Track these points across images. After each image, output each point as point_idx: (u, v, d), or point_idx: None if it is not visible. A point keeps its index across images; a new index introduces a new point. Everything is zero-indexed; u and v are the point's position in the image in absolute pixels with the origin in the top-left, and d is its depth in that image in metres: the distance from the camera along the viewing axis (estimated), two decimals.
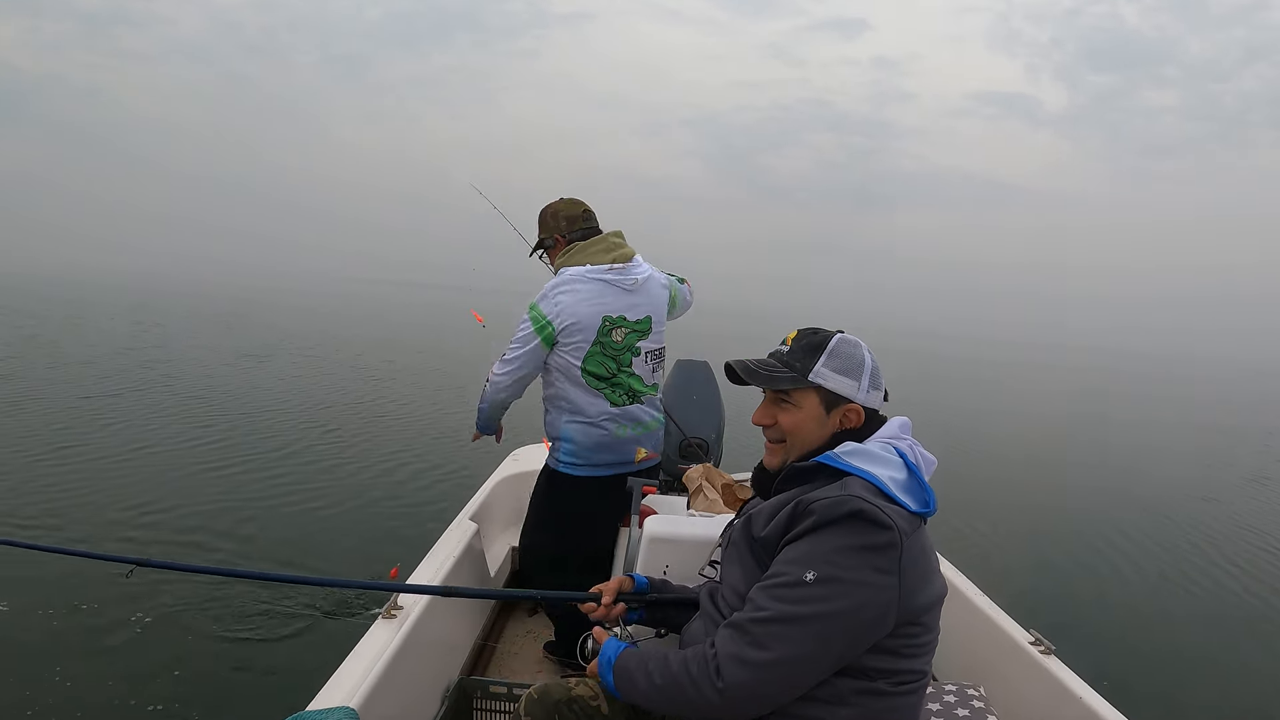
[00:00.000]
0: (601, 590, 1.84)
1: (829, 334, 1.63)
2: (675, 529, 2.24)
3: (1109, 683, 2.48)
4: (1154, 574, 7.10)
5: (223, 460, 7.93)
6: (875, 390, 1.61)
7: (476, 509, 3.66)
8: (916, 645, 1.46)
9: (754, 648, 1.38)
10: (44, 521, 5.77)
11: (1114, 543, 7.99)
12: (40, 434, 8.30)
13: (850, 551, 1.37)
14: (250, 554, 5.57)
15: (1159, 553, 7.78)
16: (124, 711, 3.41)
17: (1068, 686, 2.33)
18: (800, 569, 1.38)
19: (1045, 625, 2.61)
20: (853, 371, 1.59)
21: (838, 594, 1.36)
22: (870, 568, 1.37)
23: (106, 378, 12.30)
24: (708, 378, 4.50)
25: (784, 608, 1.37)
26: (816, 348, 1.60)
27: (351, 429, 10.05)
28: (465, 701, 2.59)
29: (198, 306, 31.84)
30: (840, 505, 1.39)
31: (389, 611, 2.41)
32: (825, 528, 1.39)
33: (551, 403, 2.97)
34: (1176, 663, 5.21)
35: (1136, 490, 11.07)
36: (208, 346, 18.02)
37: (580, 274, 2.85)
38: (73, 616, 4.21)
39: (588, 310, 2.82)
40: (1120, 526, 8.68)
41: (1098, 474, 12.29)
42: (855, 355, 1.60)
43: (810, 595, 1.36)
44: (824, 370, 1.58)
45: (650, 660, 1.54)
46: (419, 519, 6.46)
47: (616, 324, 2.87)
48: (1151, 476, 12.52)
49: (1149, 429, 20.20)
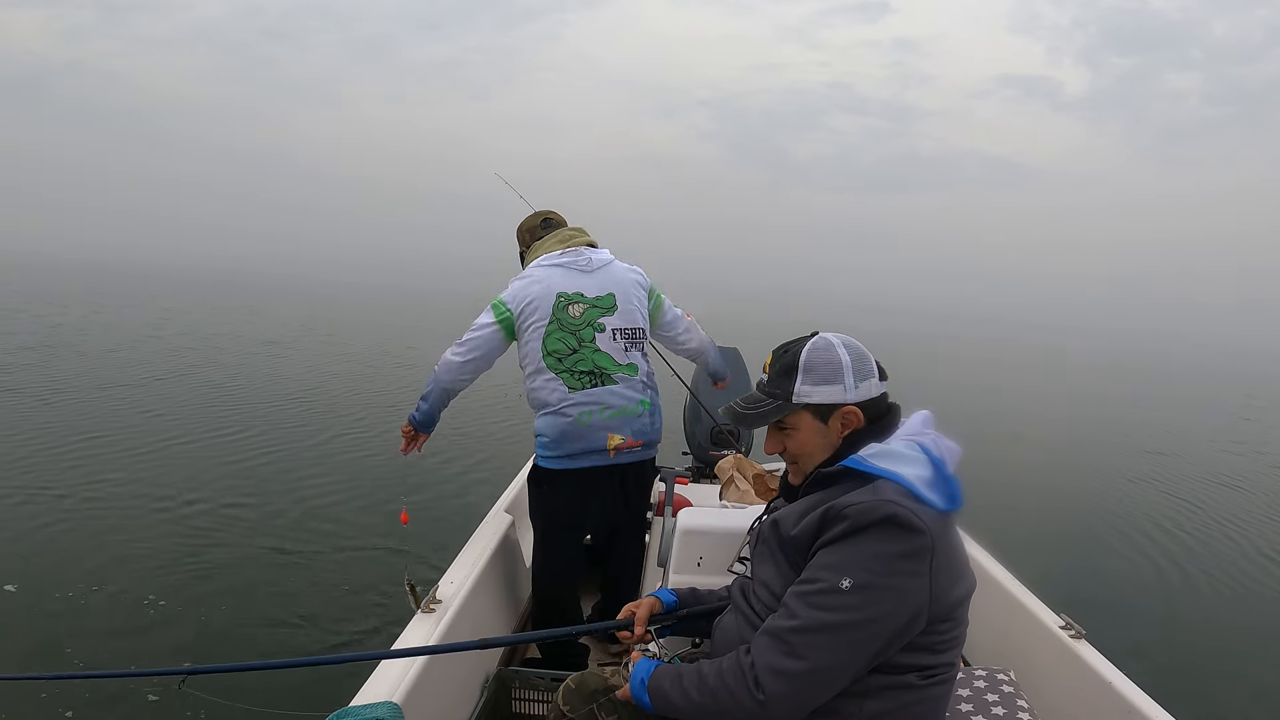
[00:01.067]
0: (633, 614, 1.85)
1: (799, 348, 1.62)
2: (709, 521, 2.27)
3: (1141, 668, 2.46)
4: (1186, 558, 7.00)
5: (246, 452, 8.10)
6: (864, 380, 1.59)
7: (511, 500, 3.70)
8: (947, 640, 1.48)
9: (792, 658, 1.40)
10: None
11: (1143, 525, 7.91)
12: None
13: (886, 558, 1.38)
14: (278, 534, 5.74)
15: (1190, 537, 7.68)
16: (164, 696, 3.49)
17: (1098, 671, 2.32)
18: (836, 576, 1.39)
19: (1076, 609, 2.61)
20: (832, 378, 1.58)
21: (873, 601, 1.37)
22: (905, 573, 1.38)
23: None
24: (738, 365, 4.52)
25: (821, 615, 1.39)
26: (790, 369, 1.61)
27: (383, 417, 10.12)
28: (504, 692, 2.65)
29: (213, 298, 32.12)
30: (874, 510, 1.40)
31: (428, 606, 2.46)
32: (859, 533, 1.40)
33: (529, 401, 2.98)
34: (1211, 649, 5.15)
35: (1165, 472, 10.94)
36: (231, 333, 18.20)
37: (535, 264, 2.97)
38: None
39: (540, 290, 2.87)
40: (1149, 508, 8.60)
41: (1126, 455, 12.15)
42: (830, 360, 1.59)
43: (847, 603, 1.37)
44: (804, 388, 1.59)
45: (684, 676, 1.55)
46: (454, 512, 6.57)
47: (573, 299, 2.88)
48: (1181, 457, 12.33)
49: (1180, 408, 19.84)
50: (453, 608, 2.50)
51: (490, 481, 7.32)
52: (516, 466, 4.35)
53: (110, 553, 5.30)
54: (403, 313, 31.91)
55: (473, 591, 2.67)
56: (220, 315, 24.16)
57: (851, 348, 1.61)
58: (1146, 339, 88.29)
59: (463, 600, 2.57)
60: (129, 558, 5.25)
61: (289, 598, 4.84)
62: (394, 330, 23.72)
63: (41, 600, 4.58)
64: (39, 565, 5.03)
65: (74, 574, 4.91)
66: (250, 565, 5.28)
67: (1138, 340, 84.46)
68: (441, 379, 2.96)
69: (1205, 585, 6.39)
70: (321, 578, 5.15)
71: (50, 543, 5.43)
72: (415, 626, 2.39)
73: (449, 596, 2.55)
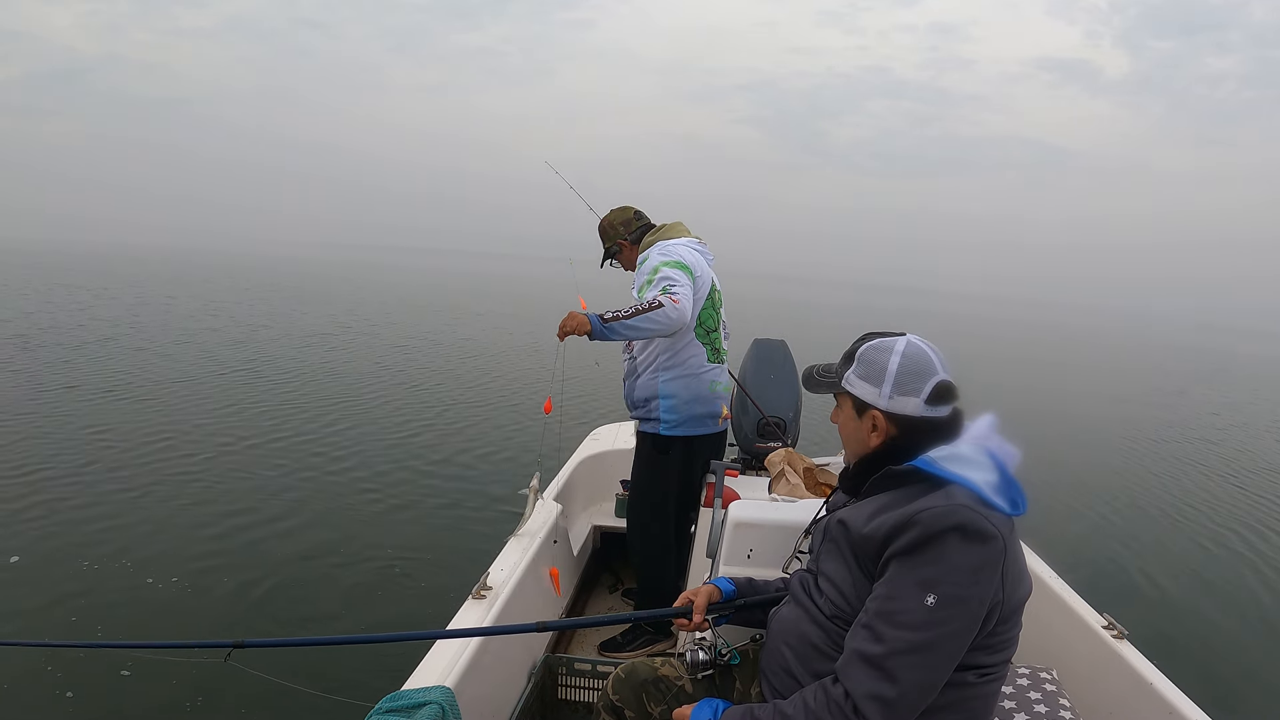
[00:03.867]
0: (691, 602, 1.86)
1: (867, 341, 1.67)
2: (760, 514, 2.27)
3: (1183, 671, 2.43)
4: (1236, 562, 6.81)
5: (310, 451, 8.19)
6: (903, 395, 1.58)
7: (559, 489, 3.74)
8: (1005, 640, 1.48)
9: (889, 683, 1.38)
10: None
11: (1192, 527, 7.72)
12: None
13: (966, 570, 1.38)
14: (339, 522, 5.83)
15: (1242, 539, 7.46)
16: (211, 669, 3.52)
17: (1140, 673, 2.30)
18: (920, 592, 1.38)
19: (1119, 609, 2.58)
20: (873, 378, 1.60)
21: (960, 614, 1.37)
22: (985, 582, 1.39)
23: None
24: (785, 357, 4.50)
25: (912, 636, 1.38)
26: (850, 355, 1.68)
27: (431, 408, 10.21)
28: (551, 678, 2.68)
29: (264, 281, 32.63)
30: (947, 516, 1.39)
31: (478, 593, 2.50)
32: (934, 541, 1.39)
33: (650, 363, 3.15)
34: (1255, 656, 5.01)
35: (1218, 470, 10.67)
36: (281, 323, 18.48)
37: (680, 243, 3.14)
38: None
39: (704, 267, 3.17)
40: (1200, 509, 8.39)
41: (1177, 452, 11.87)
42: (878, 361, 1.61)
43: (934, 619, 1.37)
44: (851, 376, 1.65)
45: (761, 717, 1.53)
46: (506, 499, 6.62)
47: (714, 287, 3.23)
48: (1236, 457, 12.01)
49: (1237, 407, 19.30)
50: (504, 594, 2.54)
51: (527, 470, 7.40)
52: (561, 458, 4.39)
53: (161, 526, 5.50)
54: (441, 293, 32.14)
55: (523, 579, 2.71)
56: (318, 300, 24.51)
57: (912, 360, 1.59)
58: (1188, 323, 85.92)
59: (513, 588, 2.61)
60: (178, 531, 5.45)
61: (342, 577, 4.94)
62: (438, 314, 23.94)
63: (103, 570, 4.76)
64: (98, 538, 5.22)
65: (129, 547, 5.10)
66: (302, 540, 5.43)
67: (1177, 324, 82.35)
68: (669, 321, 2.83)
69: (1259, 589, 6.23)
70: (376, 557, 5.24)
71: (112, 516, 5.63)
72: (467, 611, 2.43)
73: (499, 584, 2.59)
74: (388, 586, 4.85)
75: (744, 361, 4.41)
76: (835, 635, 1.54)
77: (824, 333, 24.67)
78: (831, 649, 1.54)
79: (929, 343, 1.63)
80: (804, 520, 1.97)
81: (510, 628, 2.07)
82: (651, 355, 3.15)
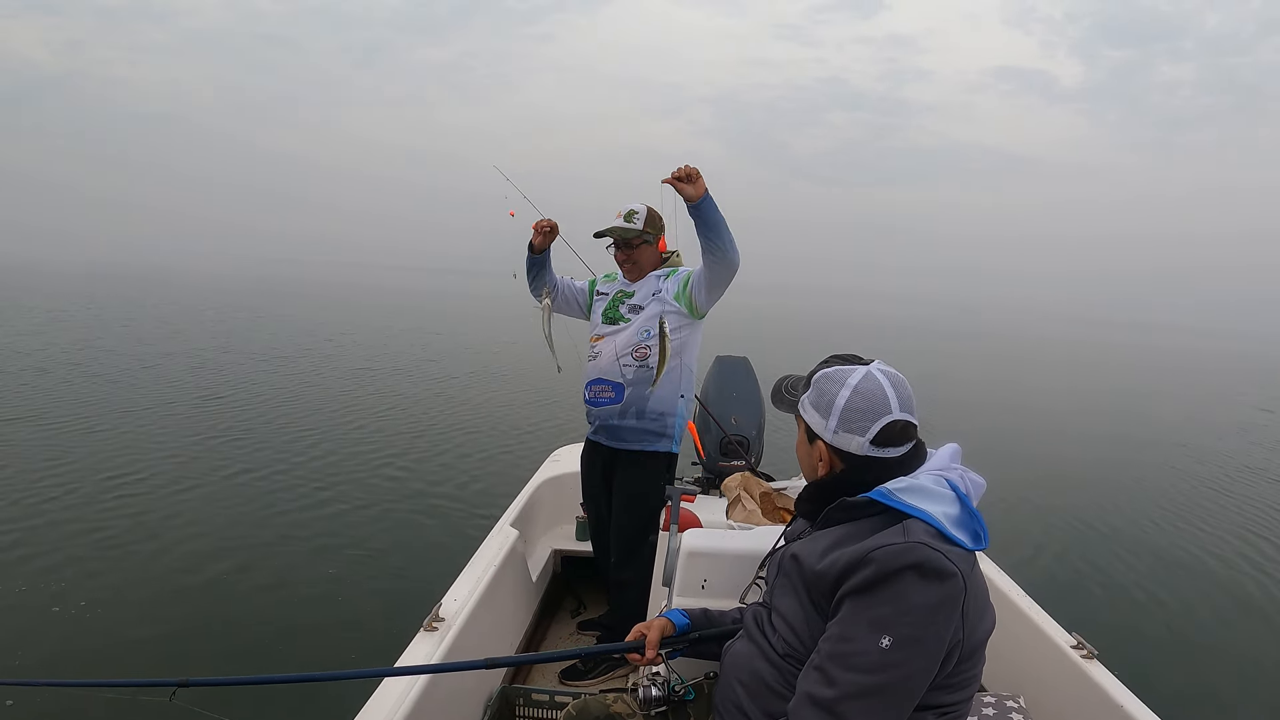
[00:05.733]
0: (644, 635, 1.80)
1: (826, 368, 1.62)
2: (714, 543, 2.21)
3: (1153, 690, 2.41)
4: (1204, 576, 6.78)
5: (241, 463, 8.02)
6: (847, 433, 1.54)
7: (518, 514, 3.67)
8: (966, 678, 1.43)
9: None
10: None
11: (1155, 539, 7.71)
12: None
13: (923, 609, 1.32)
14: (290, 553, 5.68)
15: (1207, 553, 7.43)
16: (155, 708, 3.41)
17: (1110, 695, 2.28)
18: (874, 634, 1.32)
19: (1089, 625, 2.57)
20: (822, 408, 1.56)
21: (916, 655, 1.32)
22: (943, 622, 1.33)
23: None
24: (747, 374, 4.47)
25: (865, 679, 1.32)
26: (808, 380, 1.64)
27: (377, 428, 9.98)
28: (508, 710, 2.62)
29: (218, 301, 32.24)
30: (904, 554, 1.34)
31: (430, 625, 2.43)
32: (889, 580, 1.34)
33: (676, 380, 3.16)
34: (1226, 671, 5.01)
35: (1177, 478, 10.75)
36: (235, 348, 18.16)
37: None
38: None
39: None
40: (1162, 520, 8.42)
41: (1137, 460, 11.96)
42: (829, 392, 1.56)
43: (889, 661, 1.32)
44: (805, 401, 1.62)
45: None
46: (462, 522, 6.52)
47: None
48: (1194, 464, 12.11)
49: (1195, 413, 19.52)
50: (456, 626, 2.47)
51: (489, 493, 7.31)
52: (519, 481, 4.32)
53: (104, 560, 5.30)
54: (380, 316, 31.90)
55: (477, 609, 2.65)
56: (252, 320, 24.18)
57: (862, 397, 1.53)
58: (1151, 332, 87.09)
59: (466, 618, 2.54)
60: (125, 563, 5.26)
61: (290, 611, 4.79)
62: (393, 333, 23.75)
63: (38, 605, 4.58)
64: (36, 570, 5.04)
65: (69, 580, 4.93)
66: (252, 575, 5.25)
67: (1140, 333, 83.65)
68: (737, 257, 2.97)
69: (1227, 603, 6.20)
70: (324, 591, 5.09)
71: (50, 546, 5.44)
72: (417, 645, 2.37)
73: (452, 614, 2.53)
74: (342, 620, 4.71)
75: (706, 379, 4.37)
76: (789, 674, 1.49)
77: (787, 346, 24.75)
78: (784, 688, 1.49)
79: (892, 375, 1.56)
80: (760, 549, 1.93)
81: (458, 665, 2.00)
82: (677, 373, 3.15)
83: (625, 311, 3.18)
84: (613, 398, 3.13)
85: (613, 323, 3.20)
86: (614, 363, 3.13)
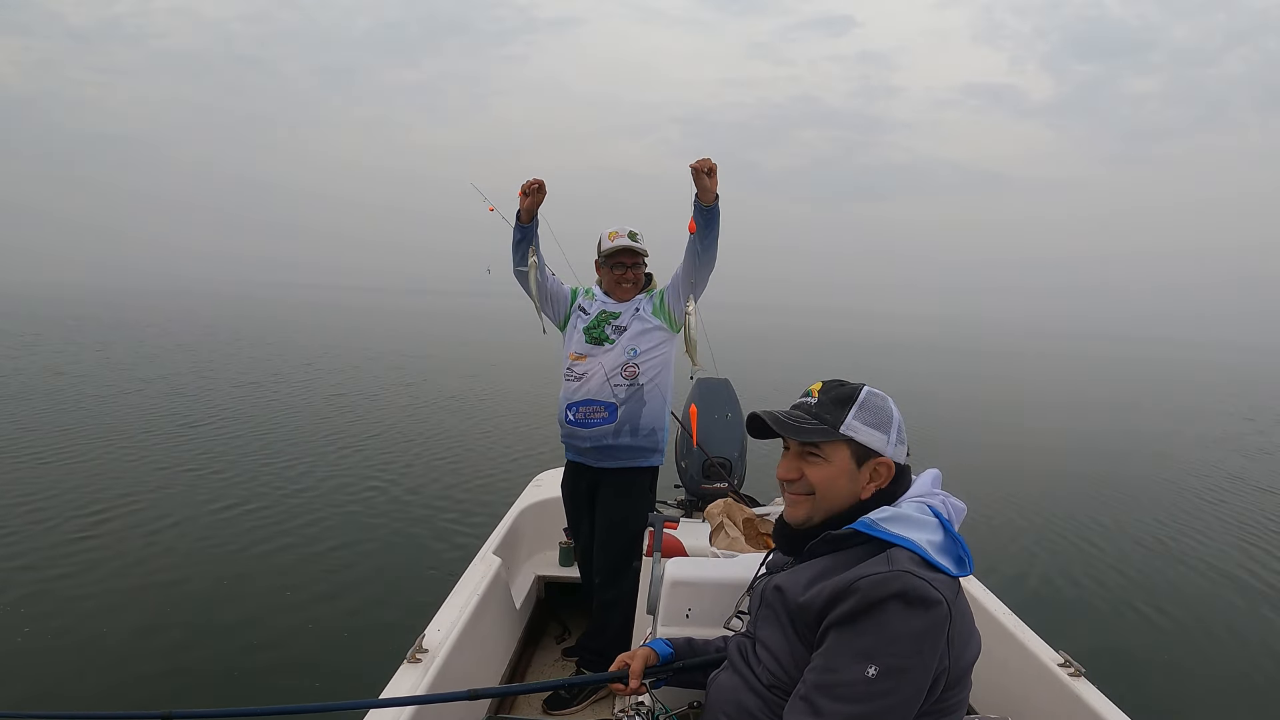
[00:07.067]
0: (627, 665, 1.78)
1: (857, 386, 1.59)
2: (698, 572, 2.19)
3: (1142, 707, 2.41)
4: (1192, 591, 6.77)
5: (232, 485, 7.98)
6: (902, 445, 1.58)
7: (500, 540, 3.64)
8: (952, 704, 1.43)
9: None
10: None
11: (1142, 555, 7.71)
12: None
13: (908, 638, 1.32)
14: (266, 574, 5.63)
15: (1193, 567, 7.43)
16: None
17: (1099, 712, 2.27)
18: (861, 664, 1.32)
19: (1075, 645, 2.56)
20: (883, 425, 1.55)
21: (902, 683, 1.31)
22: (929, 650, 1.33)
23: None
24: (729, 396, 4.46)
25: (851, 709, 1.32)
26: (846, 400, 1.56)
27: (358, 456, 9.86)
28: None
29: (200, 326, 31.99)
30: (888, 583, 1.34)
31: (414, 656, 2.41)
32: (876, 610, 1.33)
33: (656, 392, 3.24)
34: (1214, 687, 5.01)
35: (1164, 491, 10.78)
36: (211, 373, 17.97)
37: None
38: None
39: None
40: (1148, 535, 8.43)
41: (1121, 473, 11.98)
42: (885, 409, 1.57)
43: (875, 691, 1.31)
44: (855, 423, 1.54)
45: None
46: (444, 550, 6.46)
47: None
48: (1180, 478, 12.13)
49: (1180, 426, 19.59)
50: (440, 656, 2.44)
51: (471, 520, 7.25)
52: (501, 507, 4.29)
53: (89, 589, 5.24)
54: None
55: (460, 639, 2.62)
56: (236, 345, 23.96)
57: (898, 411, 1.60)
58: (1133, 344, 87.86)
59: (450, 649, 2.52)
60: (106, 594, 5.20)
61: (273, 643, 4.73)
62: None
63: (22, 638, 4.51)
64: (11, 601, 4.97)
65: (54, 610, 4.87)
66: (234, 606, 5.18)
67: (1125, 345, 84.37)
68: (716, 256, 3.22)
69: (1215, 617, 6.16)
70: (307, 622, 5.03)
71: (43, 576, 5.37)
72: (402, 676, 2.34)
73: (436, 645, 2.50)
74: (326, 651, 4.64)
75: (687, 400, 4.36)
76: (774, 705, 1.48)
77: (767, 371, 24.76)
78: (770, 719, 1.49)
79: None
80: (744, 577, 1.91)
81: (441, 696, 1.98)
82: (664, 389, 3.27)
83: (610, 332, 3.24)
84: (605, 418, 3.18)
85: (598, 343, 3.25)
86: (604, 384, 3.19)
